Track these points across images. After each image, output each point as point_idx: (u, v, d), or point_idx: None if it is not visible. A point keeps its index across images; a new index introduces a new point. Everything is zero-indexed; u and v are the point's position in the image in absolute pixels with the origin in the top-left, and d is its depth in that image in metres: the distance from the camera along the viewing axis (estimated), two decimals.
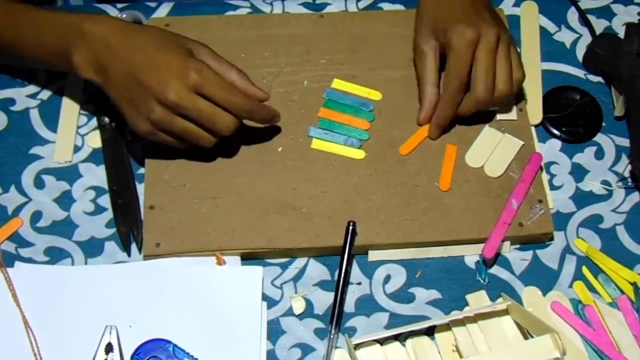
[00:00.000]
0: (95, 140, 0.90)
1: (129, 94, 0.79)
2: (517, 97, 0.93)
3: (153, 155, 0.87)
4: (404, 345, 0.80)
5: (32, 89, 0.93)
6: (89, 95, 0.93)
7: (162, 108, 0.78)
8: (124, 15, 0.95)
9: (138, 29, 0.82)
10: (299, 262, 0.85)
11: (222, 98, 0.79)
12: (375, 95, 0.93)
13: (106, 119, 0.90)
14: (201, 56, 0.82)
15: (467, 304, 0.83)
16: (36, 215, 0.86)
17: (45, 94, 0.93)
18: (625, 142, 0.94)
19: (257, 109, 0.83)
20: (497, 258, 0.86)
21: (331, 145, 0.89)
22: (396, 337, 0.80)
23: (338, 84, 0.93)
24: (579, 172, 0.92)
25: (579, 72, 0.99)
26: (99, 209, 0.87)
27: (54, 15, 0.83)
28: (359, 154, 0.89)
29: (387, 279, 0.85)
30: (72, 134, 0.90)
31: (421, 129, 0.90)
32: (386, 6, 1.02)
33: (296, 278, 0.84)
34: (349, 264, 0.83)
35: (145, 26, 0.84)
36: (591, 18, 1.02)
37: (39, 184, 0.88)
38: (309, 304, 0.83)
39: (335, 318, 0.80)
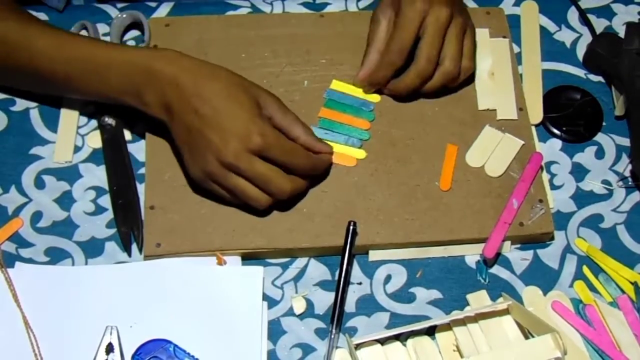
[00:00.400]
0: (95, 141, 0.90)
1: (190, 139, 0.79)
2: (517, 96, 0.93)
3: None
4: (404, 345, 0.80)
5: None
6: None
7: (219, 164, 0.78)
8: (124, 15, 0.95)
9: (209, 72, 0.80)
10: (300, 262, 0.85)
11: (285, 161, 0.79)
12: (374, 97, 0.93)
13: (107, 119, 0.90)
14: (268, 107, 0.81)
15: (467, 304, 0.83)
16: (36, 216, 0.86)
17: (45, 95, 0.93)
18: (625, 141, 0.94)
19: (318, 166, 0.84)
20: (498, 258, 0.86)
21: (332, 145, 0.89)
22: (397, 337, 0.80)
23: (337, 85, 0.93)
24: (579, 172, 0.92)
25: (580, 72, 0.99)
26: (100, 209, 0.87)
27: (118, 51, 0.81)
28: (360, 154, 0.89)
29: (388, 278, 0.85)
30: (73, 135, 0.90)
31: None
32: None
33: (297, 278, 0.84)
34: (350, 263, 0.83)
35: (216, 68, 0.80)
36: (591, 17, 1.02)
37: (40, 184, 0.88)
38: (310, 304, 0.83)
39: (336, 318, 0.80)
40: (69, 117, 0.91)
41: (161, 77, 0.78)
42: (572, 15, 1.03)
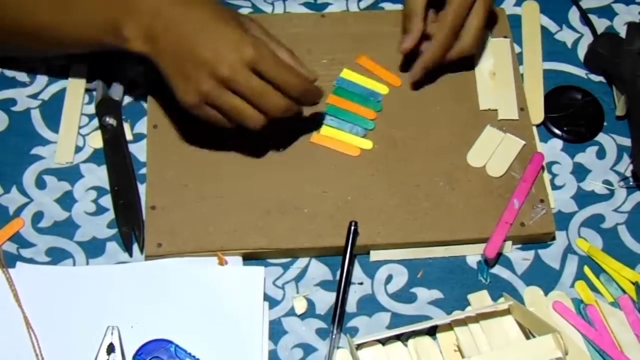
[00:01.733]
0: (96, 141, 0.90)
1: (180, 65, 0.77)
2: (519, 96, 0.94)
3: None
4: (405, 345, 0.80)
5: (33, 89, 0.93)
6: (90, 95, 0.93)
7: (214, 81, 0.76)
8: None
9: None
10: (301, 262, 0.85)
11: (277, 76, 0.78)
12: (383, 89, 0.94)
13: (108, 119, 0.90)
14: (252, 31, 0.80)
15: (468, 304, 0.83)
16: (37, 216, 0.86)
17: (47, 94, 0.93)
18: (626, 141, 0.94)
19: (309, 89, 0.82)
20: (499, 258, 0.86)
21: (335, 132, 0.89)
22: (398, 337, 0.80)
23: (347, 74, 0.94)
24: (580, 172, 0.92)
25: (581, 72, 0.99)
26: (101, 210, 0.87)
27: None
28: (366, 144, 0.89)
29: (389, 278, 0.85)
30: (74, 135, 0.90)
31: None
32: (387, 6, 1.02)
33: (298, 278, 0.84)
34: (351, 264, 0.83)
35: None
36: (592, 17, 1.02)
37: (41, 184, 0.88)
38: (311, 304, 0.83)
39: (337, 318, 0.80)
40: (70, 118, 0.91)
41: (140, 6, 0.78)
42: (573, 15, 1.03)
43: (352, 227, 0.83)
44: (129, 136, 0.91)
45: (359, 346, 0.79)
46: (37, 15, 0.82)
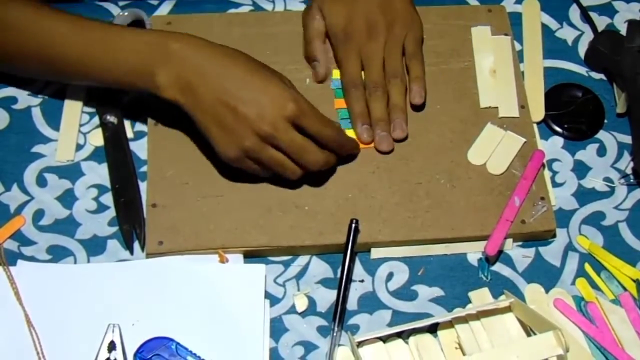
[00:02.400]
0: (97, 139, 0.90)
1: (220, 119, 0.78)
2: (519, 94, 0.94)
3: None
4: (406, 343, 0.80)
5: (34, 87, 0.93)
6: (90, 93, 0.92)
7: (256, 137, 0.78)
8: (126, 13, 0.95)
9: (226, 52, 0.80)
10: (302, 260, 0.85)
11: (317, 130, 0.80)
12: None
13: (108, 117, 0.90)
14: (292, 88, 0.83)
15: (469, 302, 0.83)
16: (38, 214, 0.86)
17: (47, 92, 0.93)
18: (627, 139, 0.94)
19: (347, 142, 0.85)
20: (500, 255, 0.86)
21: None
22: (399, 335, 0.80)
23: (338, 74, 0.93)
24: (581, 169, 0.92)
25: (581, 69, 0.99)
26: (102, 207, 0.87)
27: (133, 33, 0.81)
28: None
29: (390, 276, 0.85)
30: (75, 133, 0.90)
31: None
32: None
33: (299, 276, 0.84)
34: (352, 261, 0.83)
35: (231, 49, 0.81)
36: (593, 15, 1.02)
37: (41, 182, 0.88)
38: (312, 302, 0.83)
39: (338, 316, 0.80)
40: (71, 117, 0.91)
41: (178, 55, 0.78)
42: (574, 12, 1.03)
43: (353, 225, 0.83)
44: (129, 134, 0.91)
45: (360, 344, 0.79)
46: (65, 48, 0.81)
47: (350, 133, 0.90)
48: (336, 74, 0.93)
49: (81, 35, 0.81)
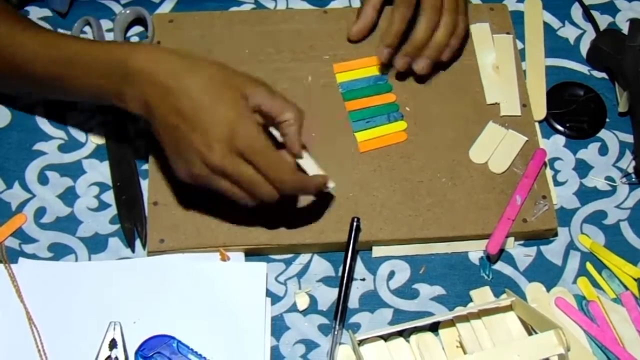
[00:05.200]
0: (99, 137, 0.90)
1: (173, 141, 0.75)
2: (521, 93, 0.94)
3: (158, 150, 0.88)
4: (407, 341, 0.80)
5: None
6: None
7: (204, 167, 0.74)
8: (128, 11, 0.95)
9: (188, 66, 0.75)
10: (303, 258, 0.85)
11: (267, 172, 0.75)
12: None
13: (110, 115, 0.90)
14: (255, 96, 0.76)
15: (471, 300, 0.83)
16: (40, 212, 0.86)
17: None
18: (629, 138, 0.94)
19: (307, 187, 0.79)
20: (501, 254, 0.86)
21: (378, 130, 0.90)
22: (400, 333, 0.80)
23: (342, 75, 0.93)
24: (582, 168, 0.92)
25: (583, 68, 0.99)
26: (103, 205, 0.87)
27: (99, 50, 0.78)
28: (402, 125, 0.91)
29: (391, 274, 0.85)
30: None
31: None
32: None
33: (300, 274, 0.84)
34: (353, 260, 0.83)
35: (196, 61, 0.76)
36: (595, 14, 1.02)
37: (43, 180, 0.88)
38: (313, 300, 0.83)
39: (339, 314, 0.80)
40: None
41: (138, 75, 0.75)
42: (576, 11, 1.03)
43: (355, 223, 0.83)
44: (131, 132, 0.90)
45: (361, 342, 0.79)
46: (37, 67, 0.80)
47: (361, 135, 0.90)
48: (341, 77, 0.93)
49: (50, 55, 0.79)
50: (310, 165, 0.81)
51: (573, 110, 0.95)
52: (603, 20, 1.02)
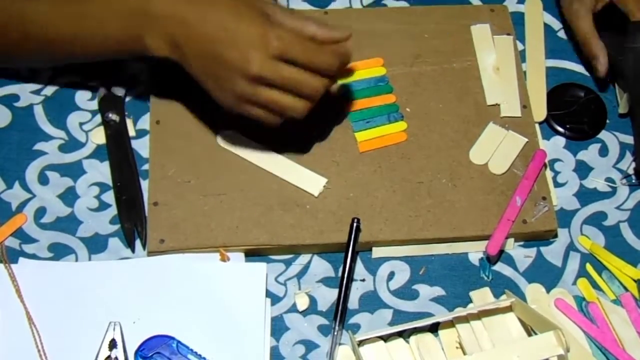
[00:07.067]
0: (99, 137, 0.90)
1: (209, 69, 0.77)
2: (521, 94, 0.94)
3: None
4: (407, 342, 0.80)
5: (36, 85, 0.93)
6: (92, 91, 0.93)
7: (246, 81, 0.75)
8: None
9: None
10: (303, 259, 0.85)
11: (307, 61, 0.76)
12: (380, 71, 0.94)
13: (110, 115, 0.90)
14: (276, 15, 0.78)
15: (470, 301, 0.83)
16: (40, 212, 0.86)
17: (50, 90, 0.93)
18: (629, 139, 0.94)
19: (342, 56, 0.80)
20: (501, 255, 0.86)
21: (378, 130, 0.90)
22: (400, 334, 0.80)
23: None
24: (583, 169, 0.92)
25: (583, 69, 0.99)
26: (103, 205, 0.87)
27: (113, 2, 0.79)
28: (402, 126, 0.91)
29: (391, 275, 0.85)
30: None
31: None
32: (390, 3, 1.02)
33: (300, 274, 0.84)
34: (353, 260, 0.83)
35: None
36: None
37: (43, 180, 0.88)
38: (313, 301, 0.83)
39: (339, 315, 0.80)
40: None
41: (162, 19, 0.77)
42: None
43: (355, 224, 0.83)
44: (131, 132, 0.91)
45: (361, 343, 0.79)
46: (49, 28, 0.81)
47: (361, 135, 0.90)
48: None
49: (62, 12, 0.80)
50: None
51: (573, 112, 0.95)
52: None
